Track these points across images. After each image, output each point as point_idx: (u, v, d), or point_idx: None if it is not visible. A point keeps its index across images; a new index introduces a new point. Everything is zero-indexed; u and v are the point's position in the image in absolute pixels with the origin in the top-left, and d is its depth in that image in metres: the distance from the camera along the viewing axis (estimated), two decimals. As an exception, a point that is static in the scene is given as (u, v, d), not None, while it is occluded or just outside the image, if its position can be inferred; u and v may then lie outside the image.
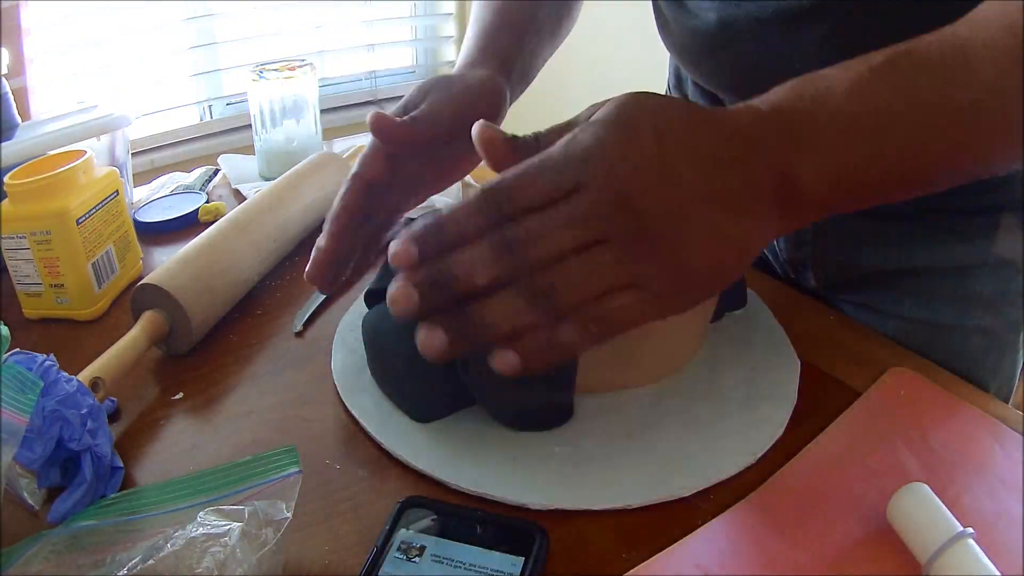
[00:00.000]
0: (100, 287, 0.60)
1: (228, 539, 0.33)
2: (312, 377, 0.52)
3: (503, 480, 0.42)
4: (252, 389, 0.52)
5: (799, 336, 0.53)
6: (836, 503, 0.41)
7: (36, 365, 0.40)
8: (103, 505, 0.40)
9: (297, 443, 0.39)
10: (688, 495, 0.41)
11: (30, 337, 0.58)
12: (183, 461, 0.45)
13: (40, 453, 0.38)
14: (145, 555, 0.33)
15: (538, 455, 0.44)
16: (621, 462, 0.43)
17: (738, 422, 0.46)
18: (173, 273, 0.55)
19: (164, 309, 0.53)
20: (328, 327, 0.57)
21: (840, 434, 0.45)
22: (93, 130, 0.69)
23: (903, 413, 0.47)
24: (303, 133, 0.85)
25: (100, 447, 0.41)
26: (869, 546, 0.38)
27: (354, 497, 0.42)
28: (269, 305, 0.62)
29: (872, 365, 0.51)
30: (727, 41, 0.57)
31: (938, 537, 0.35)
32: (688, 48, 0.62)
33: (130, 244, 0.65)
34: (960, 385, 0.51)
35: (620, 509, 0.41)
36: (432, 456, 0.44)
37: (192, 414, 0.50)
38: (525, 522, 0.39)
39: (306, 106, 0.85)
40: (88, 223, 0.58)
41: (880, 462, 0.43)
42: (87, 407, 0.41)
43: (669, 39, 0.65)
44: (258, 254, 0.62)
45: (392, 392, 0.48)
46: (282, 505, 0.35)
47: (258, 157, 0.87)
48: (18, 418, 0.37)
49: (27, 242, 0.57)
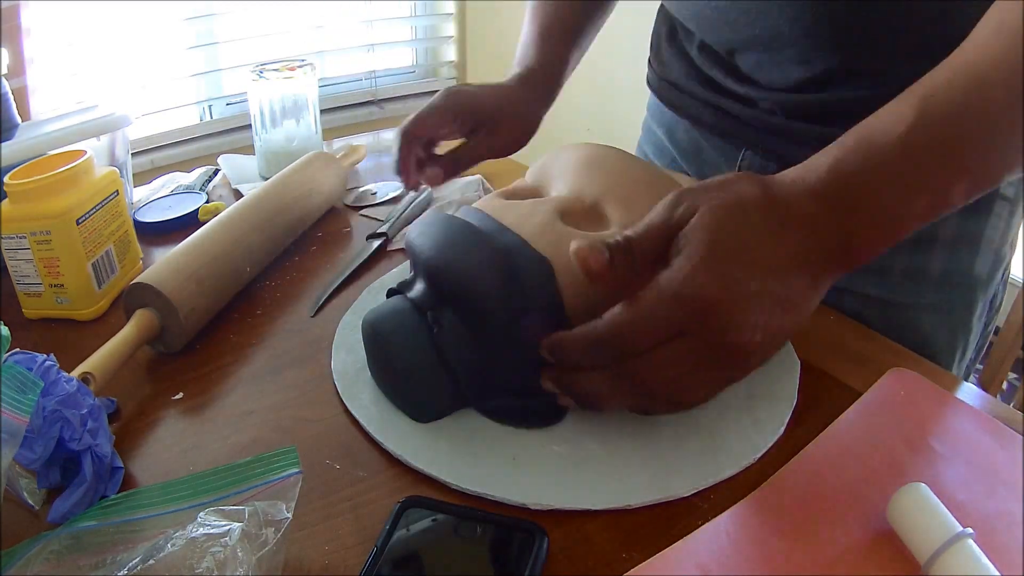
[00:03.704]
0: (100, 287, 0.60)
1: (228, 539, 0.33)
2: (312, 377, 0.52)
3: (503, 480, 0.42)
4: (252, 389, 0.52)
5: (799, 336, 0.53)
6: (836, 503, 0.41)
7: (36, 365, 0.40)
8: (103, 506, 0.40)
9: (297, 443, 0.40)
10: (688, 495, 0.41)
11: (30, 337, 0.58)
12: (183, 461, 0.45)
13: (40, 453, 0.38)
14: (145, 555, 0.33)
15: (538, 455, 0.44)
16: (621, 462, 0.43)
17: (738, 422, 0.46)
18: (158, 270, 0.55)
19: (154, 306, 0.54)
20: (328, 327, 0.57)
21: (840, 434, 0.45)
22: (93, 130, 0.70)
23: (903, 413, 0.47)
24: (303, 133, 0.85)
25: (100, 447, 0.41)
26: (869, 546, 0.38)
27: (354, 497, 0.42)
28: (269, 305, 0.62)
29: (872, 365, 0.51)
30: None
31: (938, 537, 0.35)
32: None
33: (130, 244, 0.65)
34: (959, 385, 0.51)
35: (620, 509, 0.41)
36: (432, 456, 0.44)
37: (192, 414, 0.50)
38: (525, 522, 0.39)
39: (306, 106, 0.85)
40: (88, 223, 0.58)
41: (880, 462, 0.43)
42: (87, 407, 0.41)
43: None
44: (246, 246, 0.62)
45: (392, 392, 0.48)
46: (282, 505, 0.35)
47: (258, 157, 0.87)
48: (18, 418, 0.37)
49: (27, 242, 0.57)
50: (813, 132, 0.59)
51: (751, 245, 0.39)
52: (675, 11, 0.69)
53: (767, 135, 0.64)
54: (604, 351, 0.40)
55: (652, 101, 0.80)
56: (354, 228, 0.75)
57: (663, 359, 0.38)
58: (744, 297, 0.38)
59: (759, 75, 0.62)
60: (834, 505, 0.40)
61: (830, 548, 0.38)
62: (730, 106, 0.66)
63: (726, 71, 0.65)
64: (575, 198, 0.50)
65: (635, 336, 0.39)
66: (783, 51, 0.59)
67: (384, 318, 0.47)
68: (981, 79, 0.40)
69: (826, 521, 0.39)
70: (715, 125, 0.68)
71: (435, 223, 0.48)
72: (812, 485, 0.42)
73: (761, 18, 0.58)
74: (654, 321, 0.38)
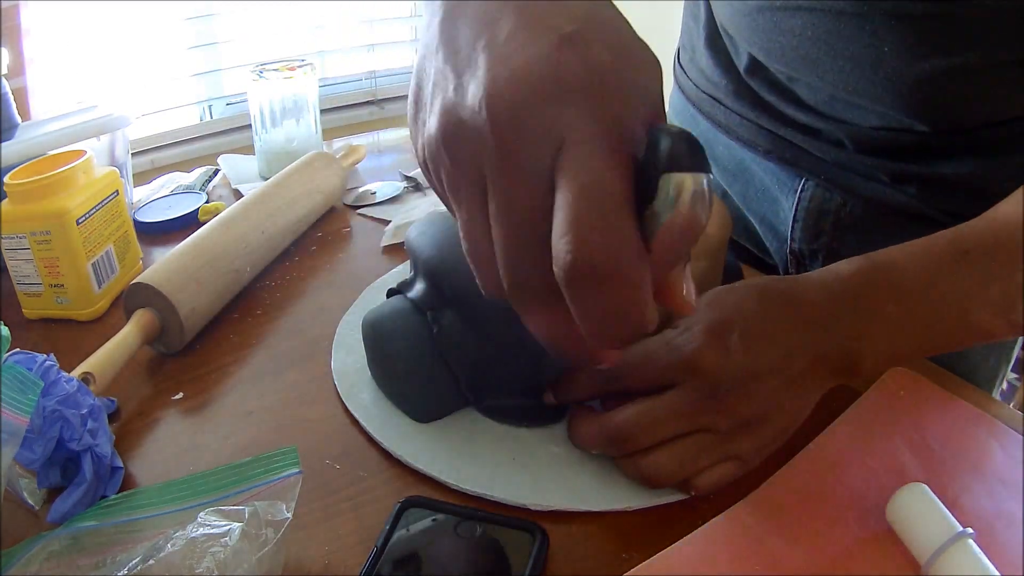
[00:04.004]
0: (100, 287, 0.60)
1: (228, 539, 0.33)
2: (312, 377, 0.52)
3: (503, 480, 0.42)
4: (252, 389, 0.52)
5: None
6: (836, 503, 0.41)
7: (36, 365, 0.40)
8: (103, 506, 0.40)
9: (297, 443, 0.39)
10: (688, 495, 0.41)
11: (30, 337, 0.58)
12: (183, 461, 0.45)
13: (40, 453, 0.38)
14: (145, 556, 0.33)
15: (538, 455, 0.44)
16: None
17: (738, 422, 0.46)
18: (158, 269, 0.55)
19: (154, 306, 0.54)
20: (328, 327, 0.57)
21: (840, 434, 0.45)
22: (93, 130, 0.70)
23: (903, 413, 0.47)
24: (303, 133, 0.85)
25: (100, 447, 0.41)
26: (869, 546, 0.38)
27: (354, 497, 0.42)
28: (269, 305, 0.62)
29: (872, 365, 0.51)
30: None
31: (938, 537, 0.35)
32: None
33: (130, 244, 0.65)
34: (960, 385, 0.51)
35: (620, 510, 0.41)
36: (432, 456, 0.44)
37: (192, 414, 0.50)
38: (525, 522, 0.39)
39: (306, 106, 0.85)
40: (88, 223, 0.58)
41: (880, 462, 0.43)
42: (87, 407, 0.41)
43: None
44: (246, 246, 0.62)
45: (392, 392, 0.48)
46: (282, 505, 0.35)
47: (258, 157, 0.87)
48: (18, 418, 0.37)
49: (27, 242, 0.57)
50: (885, 167, 0.55)
51: (758, 322, 0.40)
52: (729, 26, 0.61)
53: (831, 166, 0.58)
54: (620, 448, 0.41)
55: (679, 103, 0.73)
56: (354, 228, 0.75)
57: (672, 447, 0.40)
58: (747, 377, 0.39)
59: (827, 109, 0.57)
60: (834, 505, 0.40)
61: (830, 548, 0.38)
62: (788, 134, 0.60)
63: (783, 97, 0.59)
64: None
65: (653, 432, 0.40)
66: (863, 103, 0.54)
67: (384, 318, 0.47)
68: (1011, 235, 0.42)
69: (826, 521, 0.39)
70: (771, 151, 0.62)
71: (435, 223, 0.48)
72: (812, 485, 0.42)
73: (851, 74, 0.52)
74: (668, 418, 0.40)
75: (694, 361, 0.39)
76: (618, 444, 0.41)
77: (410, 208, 0.76)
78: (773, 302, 0.42)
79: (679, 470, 0.40)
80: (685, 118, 0.72)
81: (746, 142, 0.64)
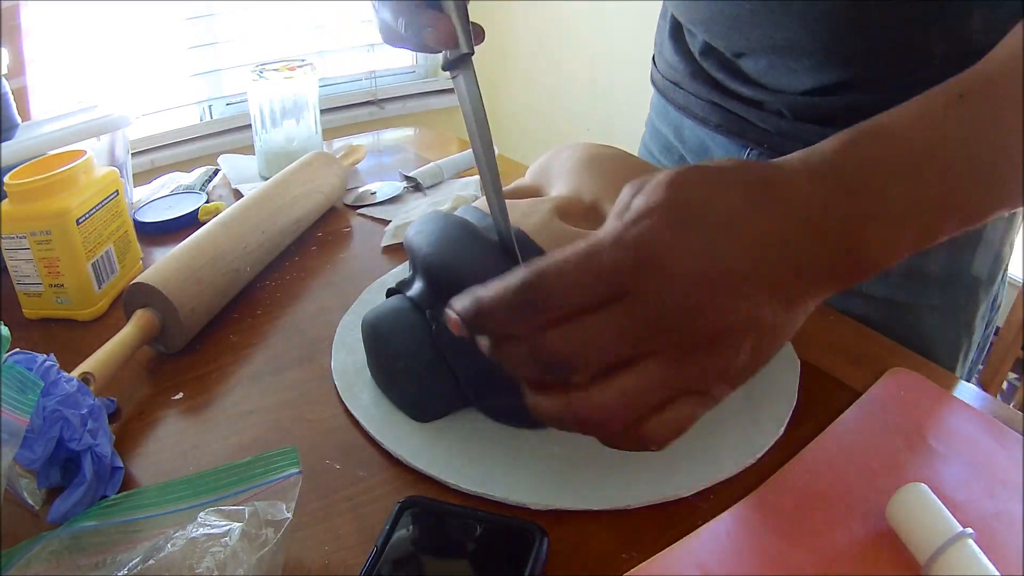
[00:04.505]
0: (100, 287, 0.60)
1: (228, 539, 0.33)
2: (312, 377, 0.52)
3: (503, 480, 0.42)
4: (252, 389, 0.52)
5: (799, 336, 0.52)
6: (836, 503, 0.41)
7: (36, 365, 0.40)
8: (103, 506, 0.40)
9: (297, 443, 0.40)
10: (688, 495, 0.41)
11: (30, 337, 0.58)
12: (183, 461, 0.45)
13: (40, 453, 0.38)
14: (145, 555, 0.33)
15: (538, 455, 0.44)
16: (621, 462, 0.43)
17: (738, 422, 0.46)
18: (158, 269, 0.55)
19: (155, 306, 0.54)
20: (328, 327, 0.57)
21: (840, 434, 0.45)
22: (93, 130, 0.70)
23: (903, 413, 0.47)
24: (303, 133, 0.85)
25: (100, 447, 0.41)
26: (869, 546, 0.38)
27: (354, 497, 0.42)
28: (269, 305, 0.62)
29: (872, 365, 0.51)
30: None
31: (938, 537, 0.35)
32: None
33: (130, 244, 0.65)
34: (960, 385, 0.51)
35: (620, 509, 0.41)
36: (432, 456, 0.44)
37: (192, 414, 0.50)
38: (525, 522, 0.39)
39: (306, 106, 0.85)
40: (88, 223, 0.58)
41: (880, 462, 0.43)
42: (87, 407, 0.41)
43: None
44: (246, 246, 0.62)
45: (392, 392, 0.48)
46: (282, 505, 0.35)
47: (258, 157, 0.87)
48: (18, 418, 0.37)
49: (27, 242, 0.57)
50: (822, 133, 0.57)
51: (727, 212, 0.31)
52: (678, 12, 0.68)
53: (774, 135, 0.64)
54: (522, 313, 0.30)
55: (656, 100, 0.80)
56: (354, 228, 0.75)
57: (630, 390, 0.31)
58: (716, 279, 0.30)
59: (767, 79, 0.62)
60: (834, 505, 0.40)
61: (830, 548, 0.38)
62: (736, 107, 0.66)
63: (732, 74, 0.65)
64: (574, 197, 0.51)
65: (561, 290, 0.30)
66: (798, 60, 0.58)
67: (384, 317, 0.47)
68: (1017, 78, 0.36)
69: (826, 521, 0.39)
70: (721, 124, 0.68)
71: (434, 222, 0.48)
72: (812, 485, 0.42)
73: (778, 27, 0.57)
74: (595, 278, 0.30)
75: (644, 252, 0.30)
76: (551, 376, 0.32)
77: (410, 208, 0.76)
78: (751, 186, 0.33)
79: (624, 411, 0.31)
80: (660, 111, 0.78)
81: (701, 120, 0.70)
